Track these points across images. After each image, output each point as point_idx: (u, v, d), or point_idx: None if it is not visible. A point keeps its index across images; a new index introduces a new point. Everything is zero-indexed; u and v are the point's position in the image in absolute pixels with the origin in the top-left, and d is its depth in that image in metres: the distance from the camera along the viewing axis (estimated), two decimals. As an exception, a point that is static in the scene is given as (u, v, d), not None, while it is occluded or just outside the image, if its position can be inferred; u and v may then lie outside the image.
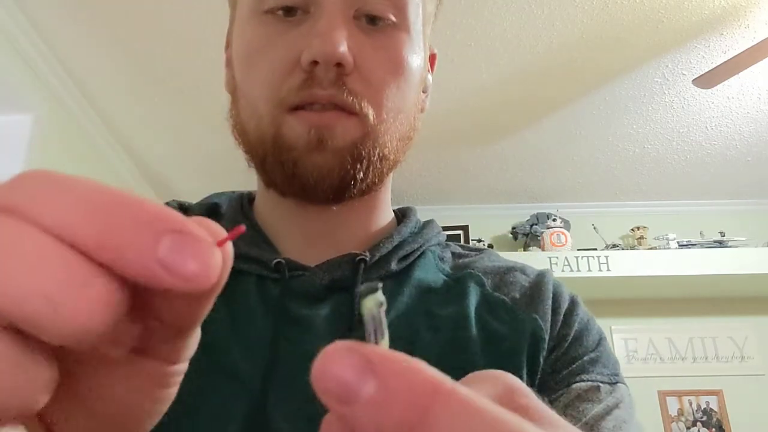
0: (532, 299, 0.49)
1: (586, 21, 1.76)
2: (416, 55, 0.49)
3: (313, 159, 0.44)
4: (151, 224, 0.16)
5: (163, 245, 0.15)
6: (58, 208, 0.16)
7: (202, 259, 0.16)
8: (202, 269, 0.16)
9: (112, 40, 1.78)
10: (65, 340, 0.15)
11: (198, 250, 0.16)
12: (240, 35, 0.49)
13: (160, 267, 0.15)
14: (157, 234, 0.16)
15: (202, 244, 0.16)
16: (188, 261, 0.15)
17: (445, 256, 0.54)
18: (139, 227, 0.16)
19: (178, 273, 0.15)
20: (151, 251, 0.15)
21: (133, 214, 0.16)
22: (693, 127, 2.27)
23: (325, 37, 0.42)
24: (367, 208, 0.51)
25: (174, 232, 0.16)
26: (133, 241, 0.15)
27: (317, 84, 0.43)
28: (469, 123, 2.24)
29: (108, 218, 0.16)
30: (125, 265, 0.16)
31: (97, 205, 0.16)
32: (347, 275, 0.46)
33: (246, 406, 0.40)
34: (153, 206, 0.16)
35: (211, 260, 0.16)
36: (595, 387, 0.45)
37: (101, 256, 0.16)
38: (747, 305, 2.61)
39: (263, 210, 0.52)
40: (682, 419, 2.46)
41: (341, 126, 0.44)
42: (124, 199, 0.16)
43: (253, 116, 0.47)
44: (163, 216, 0.16)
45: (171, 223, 0.16)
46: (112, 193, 0.16)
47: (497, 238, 2.81)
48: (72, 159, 2.05)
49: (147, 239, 0.15)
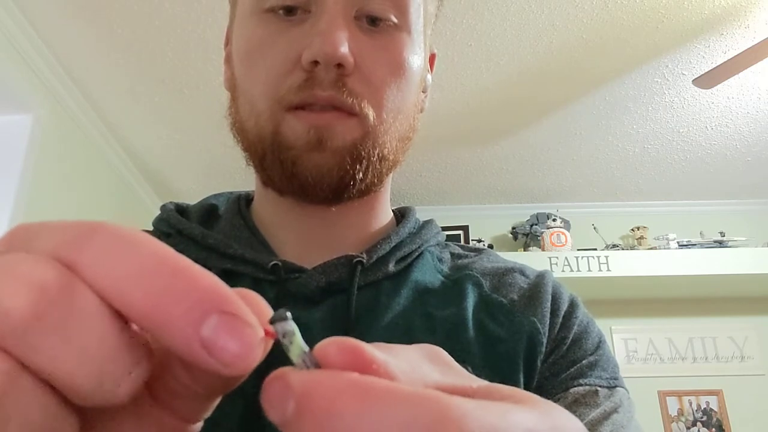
0: (531, 301, 0.48)
1: (586, 21, 1.76)
2: (417, 56, 0.48)
3: (313, 158, 0.44)
4: (200, 301, 0.15)
5: (208, 325, 0.15)
6: (118, 272, 0.16)
7: (246, 345, 0.15)
8: (242, 356, 0.15)
9: (112, 40, 1.78)
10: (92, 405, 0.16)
11: (243, 334, 0.15)
12: (240, 33, 0.49)
13: (200, 346, 0.15)
14: (205, 312, 0.15)
15: (247, 330, 0.16)
16: (231, 346, 0.15)
17: (444, 257, 0.53)
18: (188, 302, 0.15)
19: (218, 357, 0.15)
20: (196, 330, 0.15)
21: (186, 288, 0.15)
22: (693, 127, 2.27)
23: (326, 37, 0.42)
24: (366, 209, 0.51)
25: (222, 313, 0.15)
26: (179, 316, 0.15)
27: (317, 84, 0.43)
28: (469, 123, 2.23)
29: (160, 289, 0.15)
30: (168, 337, 0.15)
31: (154, 273, 0.16)
32: (344, 277, 0.46)
33: (241, 408, 0.39)
34: (207, 281, 0.16)
35: (254, 347, 0.16)
36: (593, 391, 0.44)
37: (145, 325, 0.16)
38: (747, 305, 2.61)
39: (261, 210, 0.52)
40: (682, 419, 2.46)
41: (341, 126, 0.44)
42: (181, 268, 0.16)
43: (252, 114, 0.46)
44: (215, 293, 0.16)
45: (221, 301, 0.16)
46: (170, 260, 0.16)
47: (497, 239, 2.81)
48: (72, 159, 2.05)
49: (193, 316, 0.15)
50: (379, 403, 0.14)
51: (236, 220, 0.51)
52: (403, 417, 0.14)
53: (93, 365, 0.15)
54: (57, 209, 1.94)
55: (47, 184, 1.90)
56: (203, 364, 0.15)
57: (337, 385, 0.15)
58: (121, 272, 0.16)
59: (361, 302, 0.45)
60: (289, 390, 0.15)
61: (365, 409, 0.14)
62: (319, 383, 0.15)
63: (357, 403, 0.15)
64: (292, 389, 0.15)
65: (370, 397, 0.15)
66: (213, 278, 0.16)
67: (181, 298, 0.15)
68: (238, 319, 0.16)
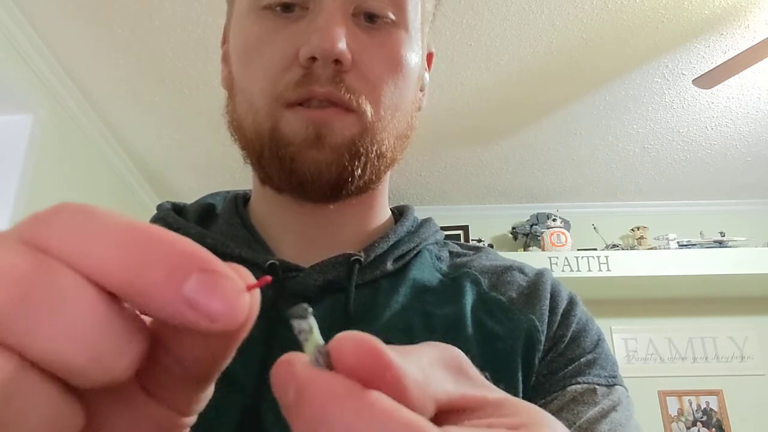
0: (530, 299, 0.48)
1: (586, 21, 1.76)
2: (414, 54, 0.48)
3: (311, 155, 0.44)
4: (179, 262, 0.16)
5: (190, 283, 0.15)
6: (90, 247, 0.16)
7: (229, 299, 0.16)
8: (228, 309, 0.16)
9: (112, 40, 1.78)
10: (95, 385, 0.16)
11: (225, 289, 0.16)
12: (237, 30, 0.49)
13: (185, 305, 0.15)
14: (185, 272, 0.15)
15: (229, 284, 0.16)
16: (214, 300, 0.15)
17: (443, 255, 0.53)
18: (167, 265, 0.15)
19: (204, 311, 0.15)
20: (178, 288, 0.15)
21: (163, 252, 0.16)
22: (693, 127, 2.27)
23: (323, 33, 0.42)
24: (364, 207, 0.51)
25: (202, 270, 0.16)
26: (160, 280, 0.15)
27: (315, 80, 0.43)
28: (469, 123, 2.23)
29: (137, 257, 0.16)
30: (151, 302, 0.16)
31: (128, 244, 0.16)
32: (342, 276, 0.46)
33: (239, 408, 0.39)
34: (183, 244, 0.16)
35: (238, 301, 0.16)
36: (591, 389, 0.44)
37: (128, 294, 0.16)
38: (747, 305, 2.61)
39: (258, 209, 0.52)
40: (682, 419, 2.46)
41: (339, 122, 0.44)
42: (155, 236, 0.16)
43: (249, 111, 0.46)
44: (193, 254, 0.16)
45: (200, 261, 0.16)
46: (142, 230, 0.16)
47: (497, 238, 2.81)
48: (72, 159, 2.05)
49: (174, 279, 0.15)
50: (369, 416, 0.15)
51: (233, 220, 0.51)
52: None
53: (85, 340, 0.15)
54: (57, 209, 1.94)
55: (47, 184, 1.90)
56: (191, 323, 0.15)
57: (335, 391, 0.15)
58: (93, 246, 0.16)
59: (359, 301, 0.45)
60: (293, 379, 0.16)
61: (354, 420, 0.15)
62: (318, 384, 0.15)
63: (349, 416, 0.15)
64: (295, 378, 0.16)
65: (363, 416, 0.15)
66: (187, 241, 0.16)
67: (159, 263, 0.15)
68: (218, 274, 0.16)
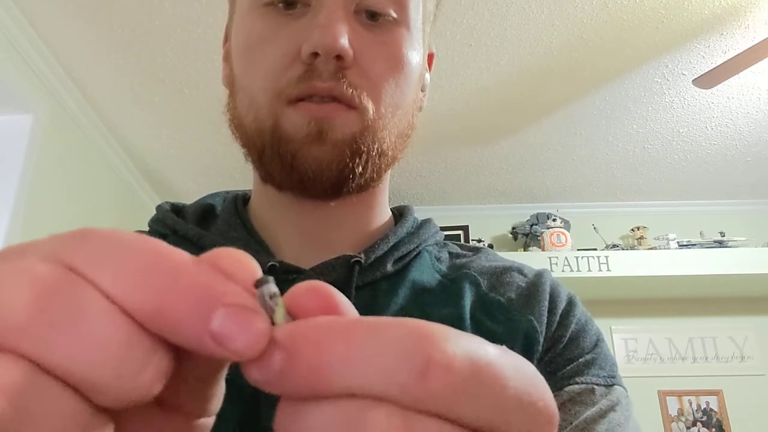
0: (529, 300, 0.48)
1: (586, 21, 1.76)
2: (416, 52, 0.48)
3: (312, 151, 0.44)
4: (205, 296, 0.16)
5: (216, 319, 0.16)
6: (117, 274, 0.16)
7: (253, 333, 0.16)
8: (252, 342, 0.16)
9: (112, 40, 1.78)
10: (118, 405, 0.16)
11: (250, 323, 0.16)
12: (239, 28, 0.49)
13: (211, 339, 0.16)
14: (211, 307, 0.16)
15: (254, 317, 0.16)
16: (240, 335, 0.16)
17: (442, 256, 0.53)
18: (194, 299, 0.16)
19: (229, 347, 0.16)
20: (204, 324, 0.15)
21: (189, 285, 0.16)
22: (693, 127, 2.27)
23: (325, 29, 0.42)
24: (364, 207, 0.51)
25: (227, 305, 0.16)
26: (187, 314, 0.16)
27: (317, 76, 0.43)
28: (469, 123, 2.24)
29: (164, 289, 0.16)
30: (178, 336, 0.16)
31: (154, 274, 0.16)
32: (342, 278, 0.46)
33: (238, 411, 0.39)
34: (208, 277, 0.16)
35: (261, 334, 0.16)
36: (590, 389, 0.44)
37: (154, 326, 0.16)
38: (747, 305, 2.61)
39: (258, 209, 0.52)
40: (682, 419, 2.46)
41: (341, 119, 0.44)
42: (181, 267, 0.16)
43: (251, 108, 0.46)
44: (218, 288, 0.16)
45: (224, 296, 0.16)
46: (169, 259, 0.16)
47: (497, 238, 2.81)
48: (72, 159, 2.05)
49: (201, 312, 0.16)
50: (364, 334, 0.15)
51: (233, 220, 0.50)
52: (391, 341, 0.15)
53: (105, 354, 0.15)
54: (57, 209, 1.94)
55: (47, 184, 1.90)
56: (216, 355, 0.16)
57: (321, 327, 0.16)
58: (126, 274, 0.16)
59: (359, 303, 0.45)
60: (275, 343, 0.16)
61: (353, 341, 0.15)
62: (303, 330, 0.16)
63: (344, 337, 0.15)
64: (278, 342, 0.16)
65: (355, 330, 0.16)
66: (214, 274, 0.16)
67: (187, 296, 0.16)
68: (244, 309, 0.16)
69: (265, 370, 0.16)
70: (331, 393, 0.15)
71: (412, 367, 0.15)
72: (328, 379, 0.15)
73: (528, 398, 0.16)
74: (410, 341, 0.15)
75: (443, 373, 0.15)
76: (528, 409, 0.16)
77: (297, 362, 0.16)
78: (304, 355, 0.15)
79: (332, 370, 0.15)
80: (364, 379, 0.15)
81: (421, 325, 0.16)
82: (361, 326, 0.16)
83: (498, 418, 0.16)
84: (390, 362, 0.15)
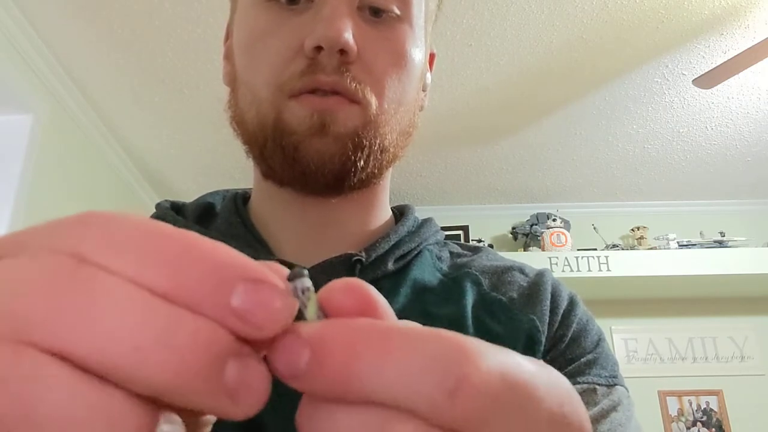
0: (530, 299, 0.48)
1: (586, 21, 1.76)
2: (418, 49, 0.48)
3: (315, 144, 0.43)
4: (224, 273, 0.15)
5: (237, 295, 0.15)
6: (128, 258, 0.15)
7: (275, 308, 0.15)
8: (274, 317, 0.15)
9: (112, 40, 1.78)
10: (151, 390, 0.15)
11: (271, 298, 0.15)
12: (241, 23, 0.49)
13: (233, 317, 0.15)
14: (231, 283, 0.15)
15: (275, 292, 0.16)
16: (261, 310, 0.15)
17: (443, 256, 0.53)
18: (212, 277, 0.15)
19: (251, 322, 0.15)
20: (226, 302, 0.15)
21: (205, 263, 0.15)
22: (693, 127, 2.27)
23: (329, 23, 0.42)
24: (365, 204, 0.51)
25: (247, 280, 0.15)
26: (207, 292, 0.15)
27: (320, 70, 0.43)
28: (470, 123, 2.24)
29: (179, 268, 0.15)
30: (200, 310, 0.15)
31: (167, 254, 0.15)
32: (343, 276, 0.45)
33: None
34: (224, 253, 0.16)
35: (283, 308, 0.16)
36: (591, 389, 0.44)
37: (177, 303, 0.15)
38: (747, 305, 2.61)
39: (259, 207, 0.52)
40: (682, 419, 2.46)
41: (343, 112, 0.43)
42: (193, 245, 0.16)
43: (253, 103, 0.46)
44: (235, 263, 0.16)
45: (243, 270, 0.15)
46: (179, 238, 0.16)
47: (497, 238, 2.81)
48: (72, 159, 2.05)
49: (221, 290, 0.15)
50: (399, 343, 0.15)
51: (233, 219, 0.50)
52: (425, 354, 0.15)
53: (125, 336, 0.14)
54: (57, 209, 1.94)
55: (47, 184, 1.90)
56: (238, 332, 0.15)
57: (354, 329, 0.15)
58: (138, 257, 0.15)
59: None
60: (302, 341, 0.15)
61: (386, 350, 0.15)
62: (335, 331, 0.15)
63: (377, 345, 0.15)
64: (306, 339, 0.15)
65: (390, 338, 0.15)
66: (228, 250, 0.16)
67: (205, 274, 0.15)
68: (264, 284, 0.16)
69: (290, 366, 0.15)
70: (356, 399, 0.15)
71: (445, 384, 0.14)
72: (355, 384, 0.15)
73: (561, 418, 0.16)
74: (446, 356, 0.15)
75: (476, 392, 0.15)
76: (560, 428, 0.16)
77: (325, 363, 0.15)
78: (333, 357, 0.15)
79: (361, 376, 0.15)
80: (394, 389, 0.15)
81: (459, 340, 0.15)
82: (397, 335, 0.15)
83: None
84: (422, 376, 0.15)
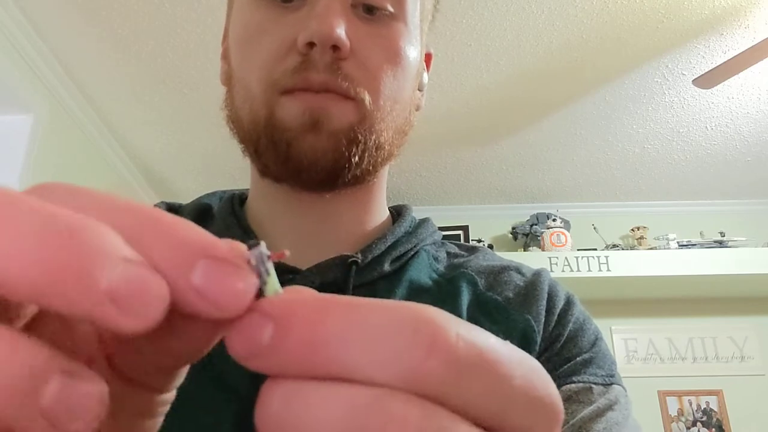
0: (526, 299, 0.48)
1: (586, 21, 1.76)
2: (413, 47, 0.48)
3: (308, 140, 0.43)
4: (184, 249, 0.15)
5: (197, 272, 0.14)
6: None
7: (236, 288, 0.15)
8: (235, 297, 0.15)
9: (112, 40, 1.78)
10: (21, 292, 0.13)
11: (233, 276, 0.15)
12: (237, 21, 0.49)
13: (194, 294, 0.14)
14: (191, 259, 0.15)
15: (237, 271, 0.15)
16: (223, 288, 0.15)
17: (440, 256, 0.53)
18: (173, 252, 0.15)
19: (213, 301, 0.15)
20: (186, 278, 0.14)
21: (167, 237, 0.15)
22: (693, 127, 2.26)
23: (322, 19, 0.42)
24: (361, 203, 0.51)
25: (208, 257, 0.15)
26: (168, 267, 0.14)
27: (312, 67, 0.43)
28: (469, 123, 2.23)
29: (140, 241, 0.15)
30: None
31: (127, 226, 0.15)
32: (339, 277, 0.45)
33: (234, 411, 0.39)
34: (185, 228, 0.15)
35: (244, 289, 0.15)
36: (587, 388, 0.44)
37: None
38: (747, 305, 2.60)
39: (255, 207, 0.52)
40: (682, 419, 2.46)
41: (337, 108, 0.43)
42: (155, 218, 0.15)
43: (246, 100, 0.46)
44: (196, 239, 0.15)
45: (204, 247, 0.15)
46: (142, 211, 0.15)
47: (497, 238, 2.81)
48: (72, 159, 2.05)
49: (181, 266, 0.14)
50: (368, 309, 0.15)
51: (230, 220, 0.50)
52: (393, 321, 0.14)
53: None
54: (57, 209, 1.94)
55: (47, 184, 1.90)
56: (199, 310, 0.15)
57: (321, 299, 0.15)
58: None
59: None
60: (264, 315, 0.15)
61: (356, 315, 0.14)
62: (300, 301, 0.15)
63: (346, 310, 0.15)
64: (269, 312, 0.15)
65: (359, 305, 0.15)
66: (189, 225, 0.15)
67: (165, 249, 0.15)
68: (226, 261, 0.15)
69: (251, 342, 0.15)
70: (327, 371, 0.14)
71: (421, 340, 0.14)
72: (323, 352, 0.14)
73: (534, 392, 0.15)
74: (414, 322, 0.14)
75: (448, 352, 0.14)
76: (535, 403, 0.15)
77: (290, 335, 0.14)
78: (299, 326, 0.14)
79: (330, 343, 0.14)
80: (364, 359, 0.14)
81: (425, 308, 0.15)
82: (364, 304, 0.15)
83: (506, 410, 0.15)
84: (392, 342, 0.14)
